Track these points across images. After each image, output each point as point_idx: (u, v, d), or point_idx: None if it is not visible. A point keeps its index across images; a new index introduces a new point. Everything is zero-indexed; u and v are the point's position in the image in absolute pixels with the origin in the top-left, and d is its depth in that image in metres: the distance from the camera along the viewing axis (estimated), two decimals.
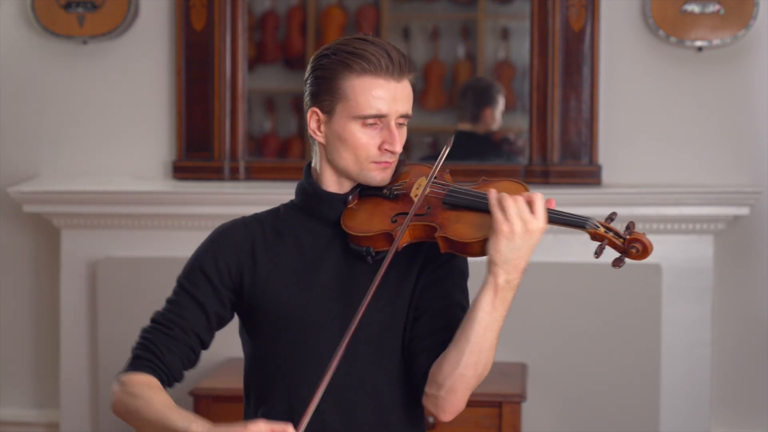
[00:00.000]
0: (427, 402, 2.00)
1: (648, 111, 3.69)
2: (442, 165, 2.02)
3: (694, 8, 3.58)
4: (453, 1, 4.25)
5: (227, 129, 3.77)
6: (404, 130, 2.04)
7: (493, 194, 1.91)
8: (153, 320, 2.08)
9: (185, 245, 3.72)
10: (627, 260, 1.90)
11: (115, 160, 3.84)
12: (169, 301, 2.09)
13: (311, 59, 2.06)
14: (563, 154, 3.66)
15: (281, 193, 2.45)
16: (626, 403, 3.62)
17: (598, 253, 1.90)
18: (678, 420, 3.64)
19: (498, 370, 3.52)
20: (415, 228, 1.97)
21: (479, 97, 4.02)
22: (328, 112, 2.02)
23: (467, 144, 3.94)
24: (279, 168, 3.84)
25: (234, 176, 3.78)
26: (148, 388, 1.99)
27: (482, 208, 1.94)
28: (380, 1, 4.22)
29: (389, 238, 1.98)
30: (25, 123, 3.87)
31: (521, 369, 3.56)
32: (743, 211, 3.59)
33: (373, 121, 1.99)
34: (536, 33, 3.67)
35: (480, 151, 3.95)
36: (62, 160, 3.85)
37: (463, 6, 4.27)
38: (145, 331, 2.08)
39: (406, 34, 4.23)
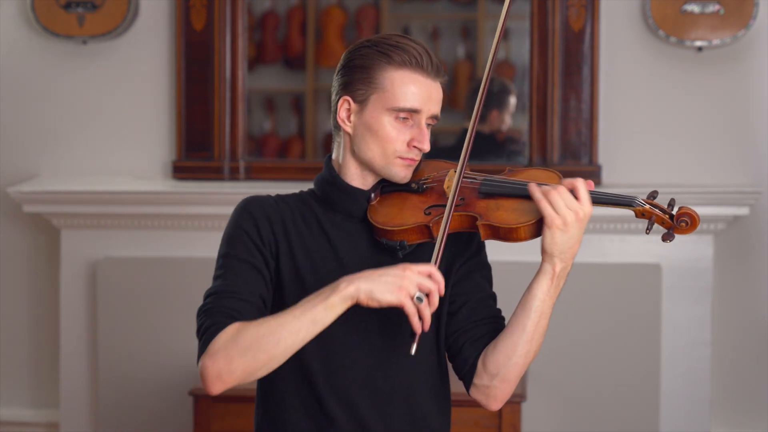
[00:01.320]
0: (476, 392, 2.03)
1: (648, 111, 3.69)
2: (467, 153, 2.02)
3: (694, 8, 3.58)
4: (453, 1, 4.26)
5: (227, 129, 3.77)
6: (429, 132, 2.05)
7: (535, 188, 1.94)
8: (211, 294, 1.97)
9: (185, 245, 3.74)
10: (676, 235, 1.96)
11: (115, 160, 3.84)
12: (221, 276, 1.99)
13: (347, 51, 2.06)
14: (563, 154, 3.66)
15: (281, 193, 2.45)
16: (626, 403, 3.62)
17: (648, 229, 1.95)
18: (678, 420, 3.64)
19: None
20: (455, 219, 1.98)
21: (488, 98, 4.01)
22: (361, 101, 2.02)
23: (474, 142, 3.94)
24: (279, 168, 3.84)
25: (234, 176, 3.78)
26: (247, 325, 1.89)
27: (520, 194, 1.98)
28: (380, 1, 4.22)
29: (424, 230, 1.99)
30: (25, 123, 3.87)
31: None
32: (743, 211, 3.59)
33: (405, 115, 2.00)
34: (536, 33, 3.67)
35: (483, 150, 3.95)
36: (62, 160, 3.86)
37: (463, 6, 4.28)
38: (205, 305, 1.95)
39: (406, 34, 4.23)
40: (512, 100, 3.99)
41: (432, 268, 1.88)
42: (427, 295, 1.87)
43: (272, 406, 2.07)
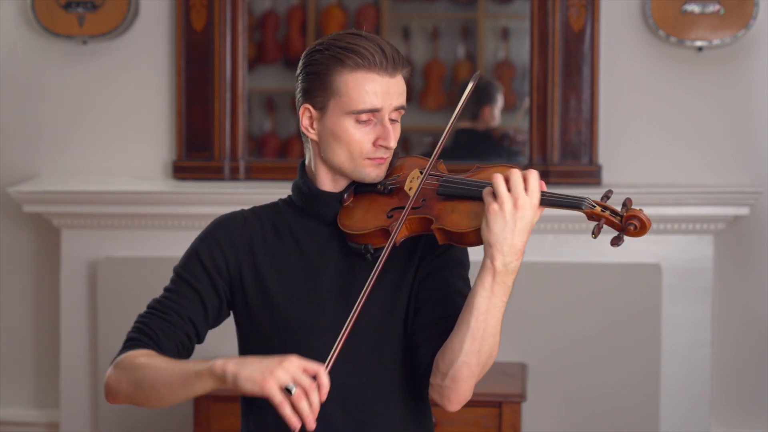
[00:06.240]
0: (432, 393, 1.97)
1: (648, 111, 3.69)
2: (437, 156, 1.99)
3: (694, 8, 3.58)
4: (453, 1, 4.25)
5: (227, 129, 3.77)
6: (398, 126, 2.02)
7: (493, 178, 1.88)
8: (149, 306, 2.04)
9: (185, 245, 3.72)
10: (626, 238, 1.86)
11: (115, 160, 3.84)
12: (167, 290, 2.06)
13: (303, 55, 2.04)
14: (563, 154, 3.66)
15: (281, 194, 2.45)
16: (626, 403, 3.62)
17: (595, 233, 1.85)
18: (678, 420, 3.64)
19: (498, 370, 3.52)
20: (412, 222, 1.94)
21: (479, 95, 4.02)
22: (321, 108, 2.00)
23: (469, 141, 3.95)
24: (279, 168, 3.84)
25: (234, 176, 3.78)
26: (147, 356, 1.94)
27: (476, 196, 1.90)
28: (380, 1, 4.22)
29: (386, 233, 1.95)
30: (25, 123, 3.87)
31: (521, 369, 3.56)
32: (743, 211, 3.59)
33: (366, 117, 1.97)
34: (536, 33, 3.67)
35: (481, 149, 3.95)
36: (62, 160, 3.86)
37: (463, 6, 4.27)
38: (141, 316, 2.04)
39: (406, 34, 4.23)
40: (500, 97, 3.99)
41: (320, 370, 1.76)
42: (306, 392, 1.75)
43: (254, 417, 2.07)
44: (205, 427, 3.29)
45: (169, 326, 2.00)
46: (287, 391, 1.74)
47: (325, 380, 1.76)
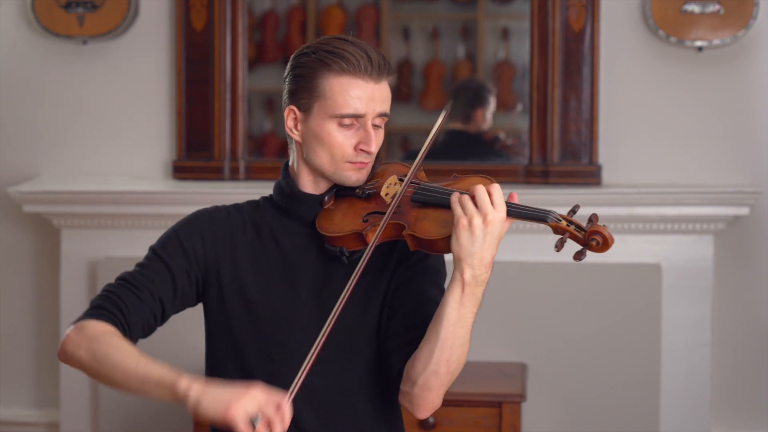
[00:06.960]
0: (402, 399, 1.99)
1: (648, 111, 3.69)
2: (419, 164, 2.01)
3: (694, 8, 3.58)
4: (453, 1, 4.26)
5: (227, 129, 3.77)
6: (381, 132, 2.04)
7: (455, 195, 1.91)
8: (121, 278, 2.03)
9: None
10: (589, 253, 1.88)
11: (115, 160, 3.84)
12: (141, 265, 2.05)
13: (291, 57, 2.06)
14: (563, 154, 3.66)
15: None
16: (626, 403, 3.62)
17: (558, 246, 1.88)
18: (678, 420, 3.64)
19: (498, 370, 3.52)
20: (386, 227, 1.96)
21: (471, 98, 4.03)
22: (306, 110, 2.02)
23: (462, 143, 3.96)
24: (279, 168, 3.80)
25: (234, 176, 3.78)
26: (114, 336, 1.93)
27: (448, 204, 1.93)
28: (380, 1, 4.22)
29: (360, 237, 1.98)
30: (25, 123, 3.87)
31: (521, 369, 3.56)
32: (743, 211, 3.59)
33: (349, 121, 1.99)
34: (536, 33, 3.67)
35: (474, 150, 3.96)
36: (62, 160, 3.86)
37: (463, 6, 4.27)
38: (111, 285, 2.02)
39: (406, 34, 4.23)
40: (492, 99, 4.00)
41: (282, 401, 1.77)
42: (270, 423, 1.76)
43: None
44: (205, 427, 3.28)
45: (139, 303, 2.00)
46: (251, 423, 1.75)
47: (287, 411, 1.77)
